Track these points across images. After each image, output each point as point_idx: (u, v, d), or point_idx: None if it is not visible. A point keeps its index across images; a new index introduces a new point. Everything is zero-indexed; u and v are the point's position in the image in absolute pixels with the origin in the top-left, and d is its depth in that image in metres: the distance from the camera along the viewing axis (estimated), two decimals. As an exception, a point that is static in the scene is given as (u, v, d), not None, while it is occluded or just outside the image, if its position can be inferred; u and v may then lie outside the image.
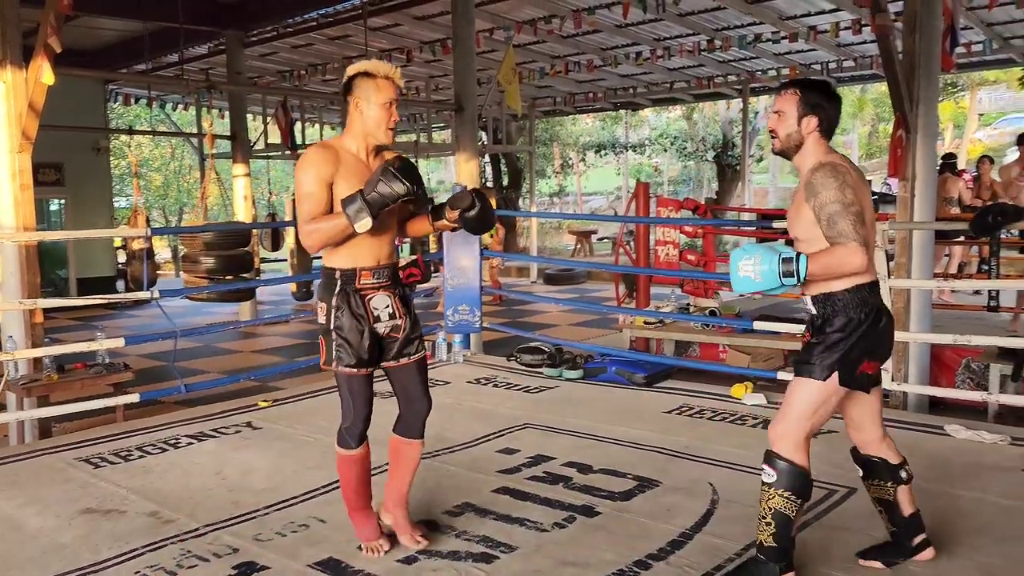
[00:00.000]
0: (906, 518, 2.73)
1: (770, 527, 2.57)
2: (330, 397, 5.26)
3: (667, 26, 10.20)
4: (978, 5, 8.85)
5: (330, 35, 10.62)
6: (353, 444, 2.83)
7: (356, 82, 2.67)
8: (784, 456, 2.54)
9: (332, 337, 2.74)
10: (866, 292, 2.51)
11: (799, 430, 2.54)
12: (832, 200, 2.41)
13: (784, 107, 2.58)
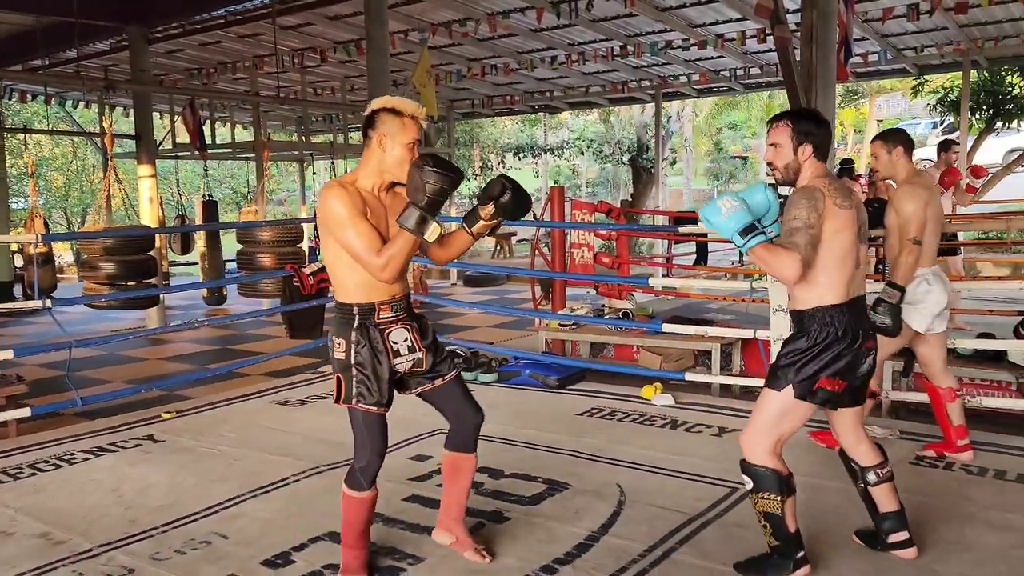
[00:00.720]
0: (880, 515, 2.89)
1: (767, 529, 2.72)
2: (239, 407, 5.14)
3: (581, 31, 10.33)
4: (873, 17, 9.26)
5: (239, 33, 10.36)
6: (366, 485, 2.73)
7: (381, 117, 2.61)
8: (756, 463, 2.68)
9: (352, 374, 2.65)
10: (832, 313, 2.64)
11: (766, 439, 2.68)
12: (796, 217, 2.58)
13: (779, 139, 2.74)
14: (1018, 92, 12.80)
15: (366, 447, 2.72)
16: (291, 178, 27.08)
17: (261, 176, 10.25)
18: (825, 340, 2.64)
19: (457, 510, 2.94)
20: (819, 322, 2.65)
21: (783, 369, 2.67)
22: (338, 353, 2.67)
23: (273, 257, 8.51)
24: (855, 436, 2.89)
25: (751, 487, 2.70)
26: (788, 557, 2.70)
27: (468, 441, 2.89)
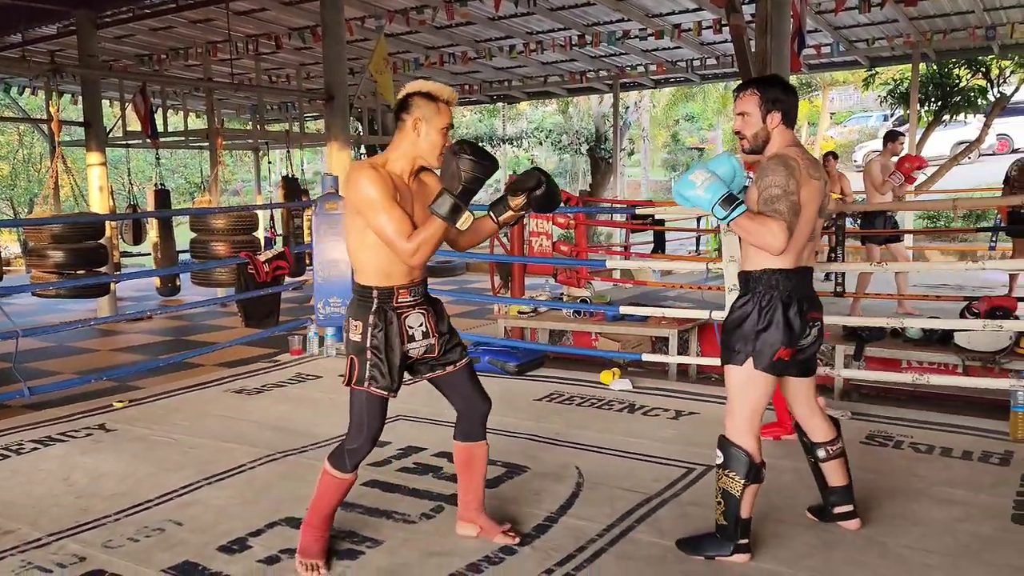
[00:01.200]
0: (828, 487, 2.97)
1: (720, 507, 2.73)
2: (193, 395, 5.07)
3: (539, 20, 10.32)
4: (826, 9, 9.40)
5: (191, 18, 10.15)
6: (349, 468, 2.72)
7: (415, 101, 2.59)
8: (732, 441, 2.70)
9: (367, 357, 2.64)
10: (778, 277, 2.65)
11: (742, 416, 2.71)
12: (775, 184, 2.54)
13: (747, 108, 2.70)
14: (965, 85, 13.11)
15: (362, 430, 2.70)
16: (246, 168, 26.71)
17: (215, 165, 10.08)
18: (770, 303, 2.65)
19: (476, 500, 2.94)
20: (764, 284, 2.66)
21: (741, 342, 2.69)
22: (354, 335, 2.67)
23: (228, 246, 8.38)
24: (808, 409, 2.93)
25: (720, 462, 2.73)
26: (731, 540, 2.73)
27: (478, 429, 2.90)
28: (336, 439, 4.10)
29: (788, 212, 2.54)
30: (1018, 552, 2.79)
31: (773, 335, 2.65)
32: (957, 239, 12.99)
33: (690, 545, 2.82)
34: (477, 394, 2.88)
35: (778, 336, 2.65)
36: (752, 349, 2.66)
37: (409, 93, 2.61)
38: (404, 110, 2.61)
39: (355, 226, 2.61)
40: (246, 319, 6.20)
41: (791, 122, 2.72)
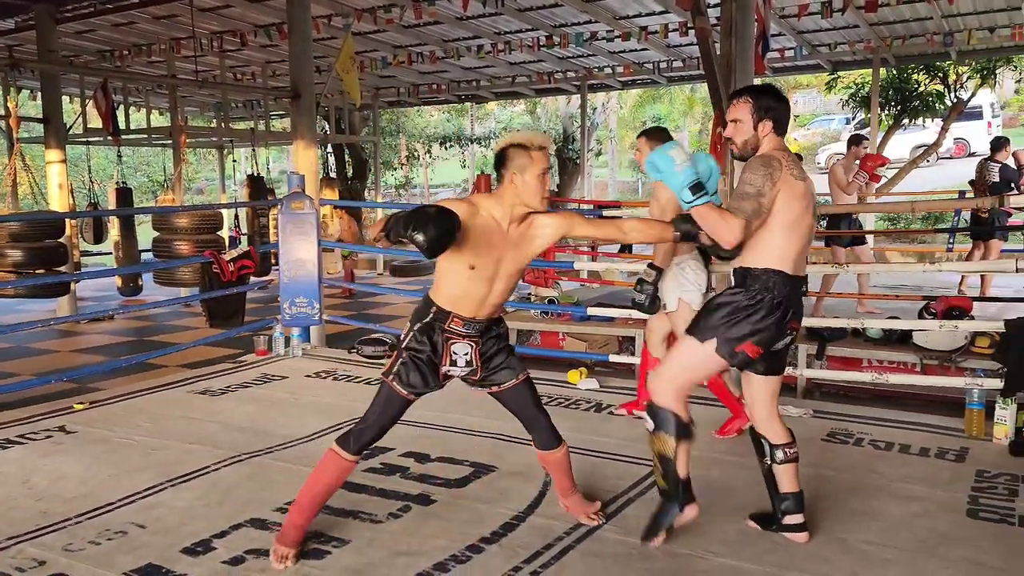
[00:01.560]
0: (779, 494, 2.93)
1: (659, 470, 2.82)
2: (156, 397, 5.00)
3: (507, 20, 10.32)
4: (789, 14, 9.54)
5: (155, 14, 9.98)
6: (353, 449, 2.81)
7: (510, 154, 2.72)
8: (660, 404, 2.76)
9: (402, 355, 2.81)
10: (777, 279, 2.69)
11: (675, 384, 2.77)
12: (751, 183, 2.61)
13: (739, 115, 2.74)
14: (923, 90, 13.37)
15: (374, 416, 2.85)
16: (210, 166, 26.37)
17: (178, 163, 9.94)
18: (760, 302, 2.69)
19: (567, 489, 3.10)
20: (762, 283, 2.70)
21: (714, 323, 2.72)
22: (404, 332, 2.87)
23: (191, 245, 8.27)
24: (768, 411, 2.94)
25: (651, 427, 2.79)
26: (675, 501, 2.80)
27: (548, 439, 3.00)
28: (303, 439, 4.10)
29: (752, 209, 2.59)
30: (973, 547, 2.86)
31: (744, 329, 2.69)
32: (916, 240, 13.25)
33: (648, 531, 2.86)
34: (535, 410, 2.98)
35: (750, 333, 2.69)
36: (720, 335, 2.70)
37: (503, 147, 2.76)
38: (502, 164, 2.74)
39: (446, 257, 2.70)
40: (210, 319, 6.12)
41: (782, 131, 2.77)
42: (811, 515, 3.10)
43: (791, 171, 2.65)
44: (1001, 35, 10.50)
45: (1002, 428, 3.92)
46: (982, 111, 20.39)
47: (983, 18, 10.02)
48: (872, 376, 4.77)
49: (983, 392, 4.07)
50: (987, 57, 12.28)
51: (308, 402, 4.87)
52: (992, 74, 13.10)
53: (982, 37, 10.55)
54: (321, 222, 6.44)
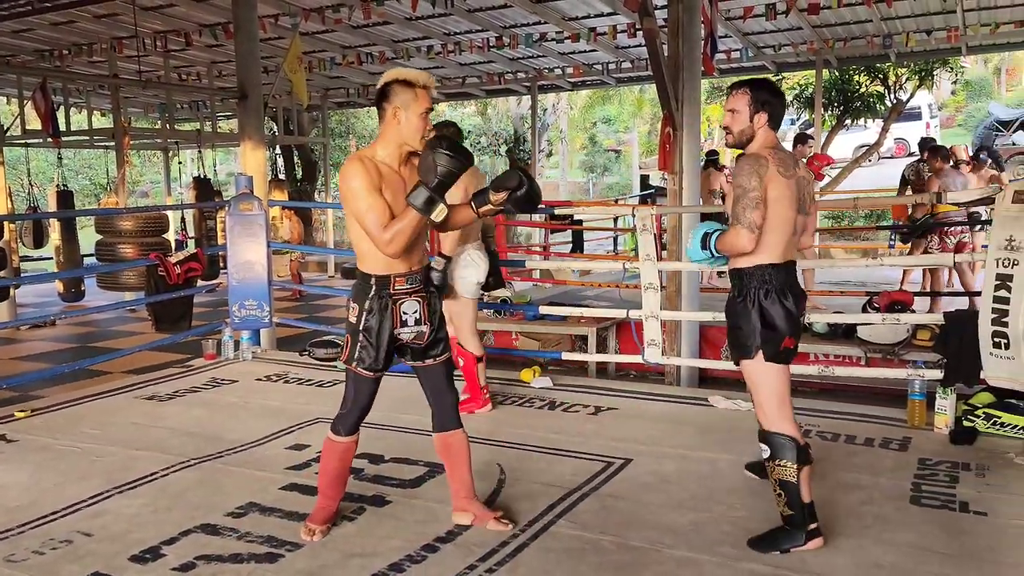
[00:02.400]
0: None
1: (782, 498, 2.79)
2: (101, 403, 4.88)
3: (457, 21, 10.31)
4: (735, 16, 9.70)
5: (95, 13, 9.73)
6: (343, 432, 2.92)
7: (393, 89, 2.68)
8: (772, 430, 2.79)
9: (359, 338, 2.81)
10: (770, 272, 2.77)
11: (771, 405, 2.80)
12: (738, 185, 2.71)
13: (737, 106, 2.84)
14: (865, 91, 13.72)
15: (351, 401, 2.91)
16: (155, 169, 25.81)
17: (121, 165, 9.72)
18: (768, 297, 2.76)
19: (465, 488, 3.03)
20: (757, 280, 2.78)
21: (746, 339, 2.79)
22: (351, 317, 2.84)
23: (136, 248, 8.09)
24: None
25: (767, 455, 2.80)
26: (800, 528, 2.77)
27: (450, 418, 3.00)
28: (254, 443, 4.04)
29: (745, 211, 2.69)
30: (917, 532, 2.94)
31: (777, 327, 2.77)
32: (859, 238, 13.58)
33: (763, 543, 2.82)
34: (447, 387, 2.99)
35: (783, 327, 2.77)
36: (760, 342, 2.77)
37: (386, 82, 2.69)
38: (384, 99, 2.69)
39: (350, 215, 2.71)
40: (157, 323, 6.00)
41: (776, 124, 2.86)
42: (761, 505, 3.17)
43: (778, 168, 2.74)
44: (937, 37, 10.83)
45: (942, 418, 4.04)
46: (921, 112, 20.99)
47: (920, 21, 10.32)
48: (818, 369, 4.88)
49: (924, 383, 4.19)
50: (924, 59, 12.64)
51: (259, 406, 4.80)
52: (929, 76, 13.50)
53: (919, 40, 10.86)
54: (270, 224, 6.35)
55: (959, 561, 2.73)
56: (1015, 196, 3.56)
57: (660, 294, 5.00)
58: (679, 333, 5.95)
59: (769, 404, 2.82)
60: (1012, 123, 18.98)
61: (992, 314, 3.62)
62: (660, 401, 4.80)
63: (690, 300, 5.99)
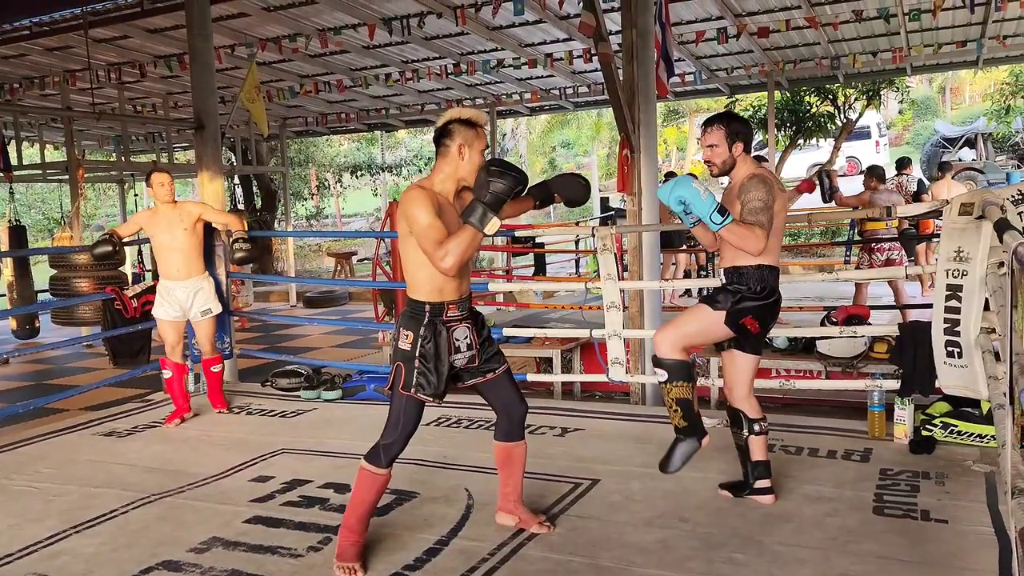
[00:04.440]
0: (752, 462, 3.40)
1: (678, 413, 3.24)
2: (57, 441, 4.77)
3: (414, 49, 10.36)
4: (688, 40, 9.90)
5: (47, 45, 9.63)
6: (384, 463, 2.91)
7: (457, 128, 2.82)
8: (667, 357, 3.20)
9: (415, 365, 2.85)
10: (766, 272, 3.20)
11: (678, 337, 3.22)
12: (758, 199, 3.08)
13: (714, 140, 3.22)
14: (816, 111, 14.06)
15: (398, 428, 2.90)
16: (111, 201, 25.44)
17: (76, 199, 9.56)
18: (758, 294, 3.18)
19: (515, 494, 3.19)
20: (755, 278, 3.18)
21: (722, 297, 3.20)
22: (404, 344, 2.88)
23: (92, 282, 7.94)
24: (747, 389, 3.38)
25: (664, 378, 3.20)
26: (694, 434, 3.24)
27: (516, 430, 3.14)
28: (217, 476, 3.97)
29: (767, 222, 3.08)
30: (881, 542, 2.99)
31: (749, 306, 3.17)
32: (816, 254, 13.83)
33: (668, 463, 3.26)
34: (516, 397, 3.12)
35: (753, 310, 3.17)
36: (730, 307, 3.17)
37: (450, 120, 2.84)
38: (447, 136, 2.83)
39: (411, 245, 2.80)
40: (114, 358, 5.89)
41: (749, 149, 3.27)
42: (727, 519, 3.20)
43: (777, 185, 3.17)
44: (883, 58, 11.16)
45: (901, 428, 4.12)
46: (870, 131, 21.55)
47: (866, 43, 10.63)
48: (780, 383, 4.94)
49: (883, 394, 4.26)
50: (871, 79, 13.00)
51: (221, 438, 4.72)
52: (877, 95, 13.89)
53: (866, 61, 11.18)
54: (230, 254, 6.29)
55: (922, 569, 2.78)
56: (961, 208, 3.66)
57: (623, 313, 5.04)
58: (643, 351, 5.99)
59: (684, 336, 3.22)
60: (957, 140, 19.57)
61: (944, 324, 3.70)
62: (625, 420, 4.82)
63: (652, 318, 6.03)
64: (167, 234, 5.03)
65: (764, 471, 3.39)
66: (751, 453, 3.39)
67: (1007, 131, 20.73)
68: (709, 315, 3.21)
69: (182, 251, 5.06)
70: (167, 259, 5.07)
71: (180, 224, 5.04)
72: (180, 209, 5.09)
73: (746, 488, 3.41)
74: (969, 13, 8.90)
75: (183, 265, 5.07)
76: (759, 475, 3.38)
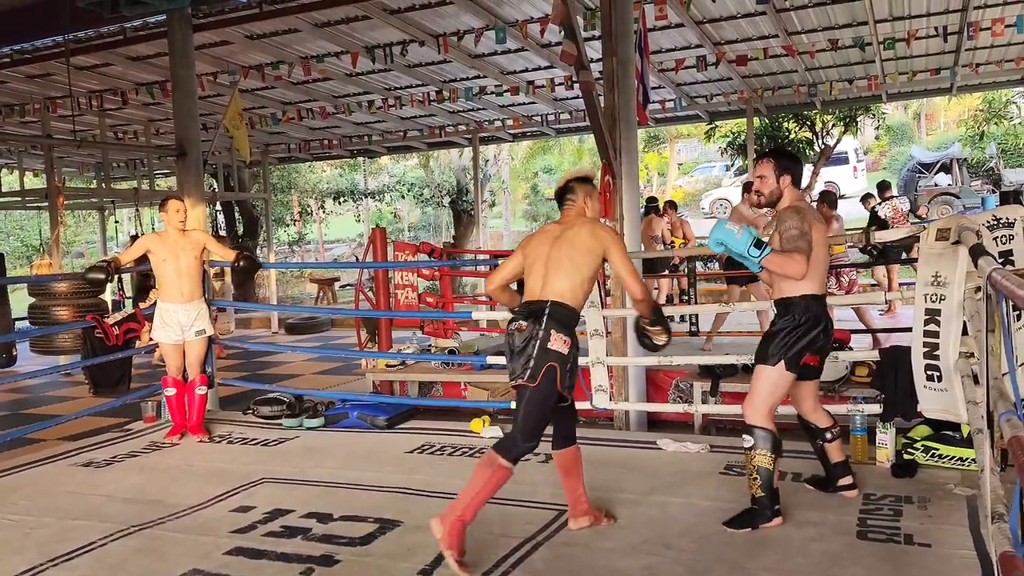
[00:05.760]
0: (832, 464, 3.69)
1: (756, 481, 3.33)
2: (34, 472, 4.70)
3: (397, 76, 10.43)
4: (667, 67, 10.03)
5: (28, 73, 9.61)
6: (514, 462, 3.14)
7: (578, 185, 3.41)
8: (757, 424, 3.34)
9: (567, 367, 3.18)
10: (811, 301, 3.34)
11: (764, 405, 3.36)
12: (793, 227, 3.27)
13: (765, 172, 3.46)
14: (794, 137, 14.24)
15: (540, 426, 3.21)
16: (91, 228, 25.25)
17: (55, 226, 9.50)
18: (806, 322, 3.30)
19: (583, 496, 3.44)
20: (801, 309, 3.33)
21: (774, 348, 3.33)
22: (560, 347, 3.15)
23: (71, 310, 7.86)
24: (814, 403, 3.67)
25: (751, 445, 3.33)
26: (768, 507, 3.31)
27: (573, 433, 3.44)
28: (197, 507, 3.91)
29: (806, 247, 3.24)
30: (865, 567, 2.99)
31: (803, 344, 3.31)
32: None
33: (737, 522, 3.33)
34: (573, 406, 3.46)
35: (808, 346, 3.32)
36: (786, 354, 3.30)
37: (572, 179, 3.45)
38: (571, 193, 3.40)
39: (590, 263, 3.24)
40: (94, 387, 5.82)
41: (798, 183, 3.49)
42: (711, 546, 3.19)
43: (814, 216, 3.35)
44: (859, 86, 11.35)
45: (884, 452, 4.14)
46: (848, 156, 21.84)
47: (842, 71, 10.81)
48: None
49: (864, 418, 4.29)
50: (848, 106, 13.20)
51: (201, 468, 4.67)
52: (854, 122, 14.10)
53: (842, 88, 11.37)
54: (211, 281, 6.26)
55: (906, 593, 2.78)
56: (938, 234, 3.71)
57: (606, 340, 5.05)
58: (626, 378, 6.00)
59: (765, 404, 3.35)
60: (933, 165, 19.87)
61: (924, 348, 3.73)
62: (609, 446, 4.81)
63: (636, 345, 6.02)
64: (176, 259, 5.24)
65: (844, 469, 3.70)
66: (829, 456, 3.69)
67: (981, 156, 21.10)
68: (771, 373, 3.35)
69: (189, 276, 5.29)
70: (173, 283, 5.25)
71: (190, 251, 5.30)
72: (188, 237, 5.34)
73: (830, 485, 3.71)
74: (942, 42, 9.11)
75: (187, 289, 5.28)
76: (839, 473, 3.68)
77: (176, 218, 5.27)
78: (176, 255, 5.24)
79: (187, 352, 5.35)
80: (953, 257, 3.57)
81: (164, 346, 5.34)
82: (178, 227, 5.29)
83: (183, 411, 5.38)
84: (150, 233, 6.38)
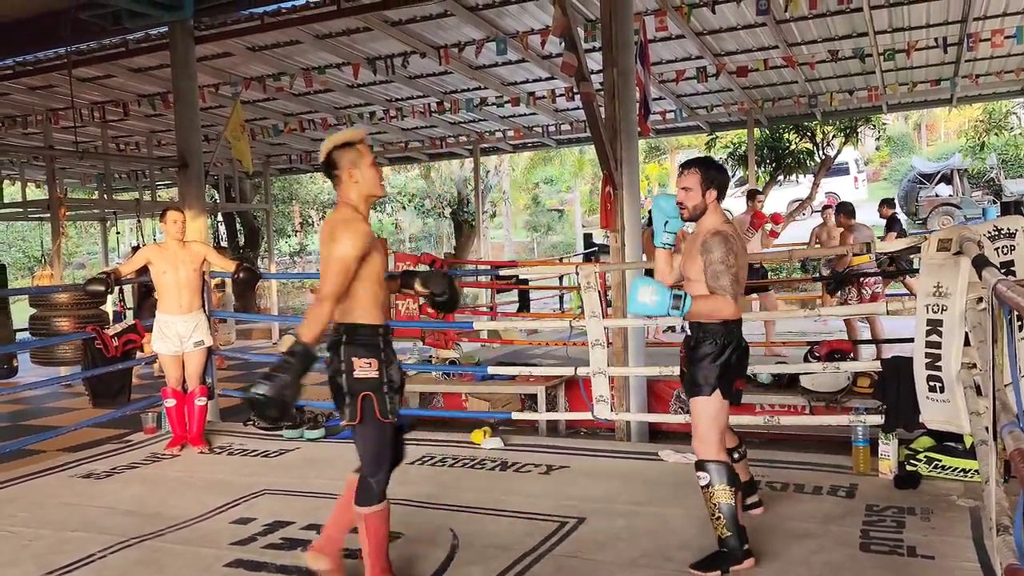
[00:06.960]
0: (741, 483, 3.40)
1: (720, 520, 3.06)
2: (33, 483, 4.68)
3: (398, 87, 10.46)
4: (668, 79, 10.06)
5: (31, 84, 9.65)
6: (378, 498, 2.83)
7: (337, 155, 2.78)
8: (710, 459, 3.09)
9: (384, 391, 2.77)
10: (732, 326, 3.14)
11: (711, 437, 3.12)
12: (719, 260, 3.03)
13: (690, 184, 3.17)
14: (795, 148, 14.25)
15: (384, 458, 2.83)
16: (92, 239, 25.27)
17: (57, 237, 9.50)
18: (726, 347, 3.10)
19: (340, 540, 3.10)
20: (722, 334, 3.11)
21: (705, 377, 3.11)
22: (370, 372, 2.75)
23: (72, 321, 7.85)
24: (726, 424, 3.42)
25: (707, 481, 3.07)
26: (738, 548, 3.05)
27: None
28: (197, 519, 3.90)
29: (731, 283, 3.03)
30: (866, 578, 2.97)
31: (736, 370, 3.14)
32: (797, 289, 13.93)
33: (704, 564, 3.07)
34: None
35: (736, 370, 3.15)
36: (720, 383, 3.10)
37: (328, 152, 2.81)
38: (334, 167, 2.80)
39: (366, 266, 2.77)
40: (94, 398, 5.81)
41: (723, 197, 3.21)
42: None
43: (738, 241, 3.13)
44: (859, 97, 11.38)
45: (886, 463, 4.12)
46: (848, 167, 21.87)
47: (842, 81, 10.84)
48: (764, 419, 4.94)
49: (867, 429, 4.27)
50: (848, 117, 13.22)
51: (201, 479, 4.65)
52: (854, 132, 14.11)
53: (843, 99, 11.40)
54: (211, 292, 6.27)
55: (910, 605, 2.76)
56: (939, 244, 3.70)
57: (607, 350, 5.04)
58: (627, 388, 5.98)
59: (712, 436, 3.12)
60: (934, 176, 19.89)
61: (925, 359, 3.72)
62: (611, 457, 4.80)
63: (636, 355, 6.03)
64: (175, 270, 5.24)
65: (750, 489, 3.62)
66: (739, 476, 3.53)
67: (982, 167, 21.12)
68: (709, 404, 3.13)
69: (189, 287, 5.29)
70: (172, 294, 5.25)
71: (190, 263, 5.30)
72: (188, 249, 5.34)
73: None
74: (942, 53, 9.13)
75: (186, 300, 5.28)
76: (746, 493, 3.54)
77: (175, 229, 5.27)
78: (176, 267, 5.24)
79: (186, 363, 5.34)
80: (955, 268, 3.56)
81: (163, 357, 5.34)
82: (177, 238, 5.29)
83: (183, 422, 5.37)
84: (150, 244, 6.40)
